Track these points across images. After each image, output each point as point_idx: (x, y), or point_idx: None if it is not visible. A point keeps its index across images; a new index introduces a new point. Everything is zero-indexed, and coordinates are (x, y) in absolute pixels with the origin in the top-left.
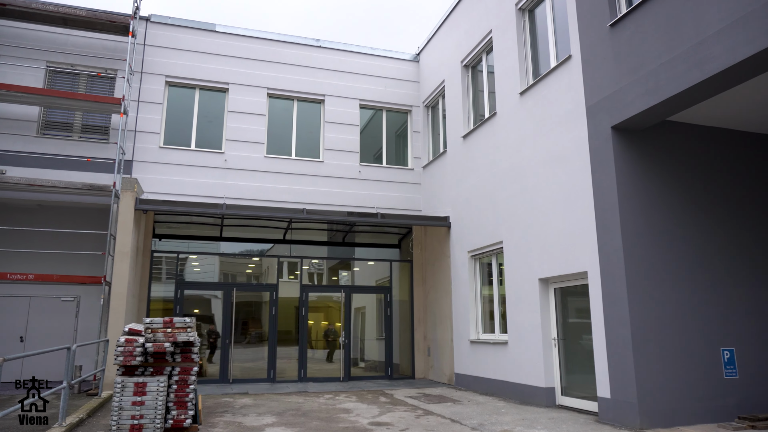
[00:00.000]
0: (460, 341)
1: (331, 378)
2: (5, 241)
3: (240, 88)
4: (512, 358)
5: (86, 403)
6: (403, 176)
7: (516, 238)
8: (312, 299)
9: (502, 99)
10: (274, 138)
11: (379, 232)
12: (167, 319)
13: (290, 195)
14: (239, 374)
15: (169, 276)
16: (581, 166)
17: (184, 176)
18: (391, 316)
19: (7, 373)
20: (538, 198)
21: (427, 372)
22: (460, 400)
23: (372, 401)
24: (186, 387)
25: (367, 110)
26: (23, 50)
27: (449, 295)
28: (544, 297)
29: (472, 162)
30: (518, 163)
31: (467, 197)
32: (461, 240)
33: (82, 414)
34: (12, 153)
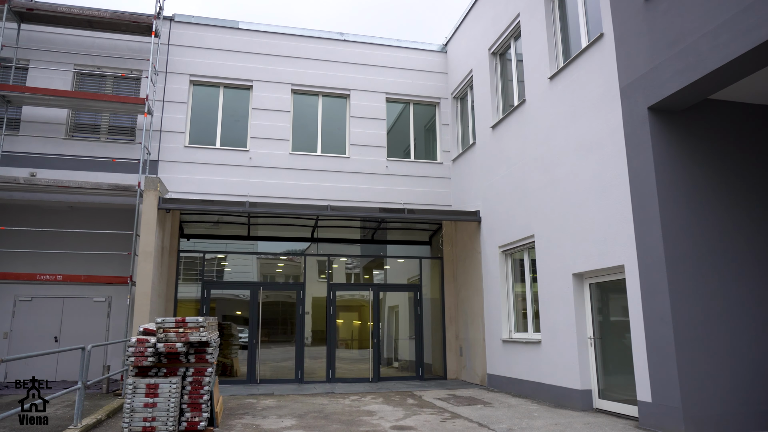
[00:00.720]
0: (492, 341)
1: (360, 378)
2: (36, 243)
3: (264, 85)
4: (546, 358)
5: (108, 404)
6: (432, 170)
7: (548, 231)
8: (345, 298)
9: (531, 85)
10: (299, 134)
11: (408, 229)
12: (179, 319)
13: (316, 192)
14: (268, 374)
15: (197, 276)
16: (616, 152)
17: (209, 175)
18: (422, 314)
19: (40, 372)
20: (571, 188)
21: (460, 372)
22: (491, 402)
23: (398, 403)
24: (200, 388)
25: (394, 104)
26: (52, 54)
27: (480, 292)
28: (578, 293)
29: (501, 153)
30: (549, 152)
31: (497, 190)
32: (492, 235)
33: (101, 415)
34: (42, 155)
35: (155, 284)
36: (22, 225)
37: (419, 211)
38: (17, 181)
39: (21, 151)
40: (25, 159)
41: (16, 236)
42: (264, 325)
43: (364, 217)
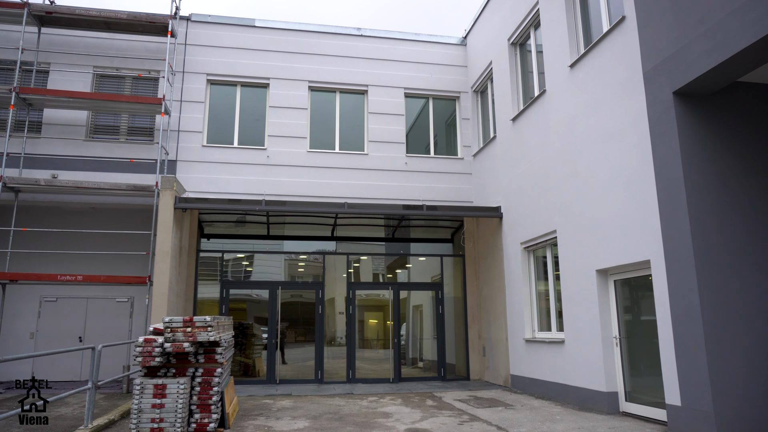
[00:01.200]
0: (515, 340)
1: (380, 379)
2: (59, 244)
3: (281, 83)
4: (570, 358)
5: (125, 404)
6: (453, 166)
7: (570, 226)
8: (365, 297)
9: (552, 75)
10: (317, 132)
11: (430, 226)
12: (187, 318)
13: (334, 190)
14: (288, 374)
15: (217, 276)
16: (640, 141)
17: (227, 174)
18: (443, 313)
19: (66, 372)
20: (593, 180)
21: (483, 373)
22: (513, 404)
23: (417, 405)
24: (209, 389)
25: (413, 99)
26: (71, 57)
27: (503, 290)
28: (602, 290)
29: (522, 146)
30: (570, 143)
31: (518, 184)
32: (513, 231)
33: (115, 415)
34: (63, 157)
35: (173, 284)
36: (45, 226)
37: (439, 208)
38: (38, 182)
39: (43, 153)
40: (46, 161)
41: (40, 237)
42: (283, 324)
43: (382, 213)
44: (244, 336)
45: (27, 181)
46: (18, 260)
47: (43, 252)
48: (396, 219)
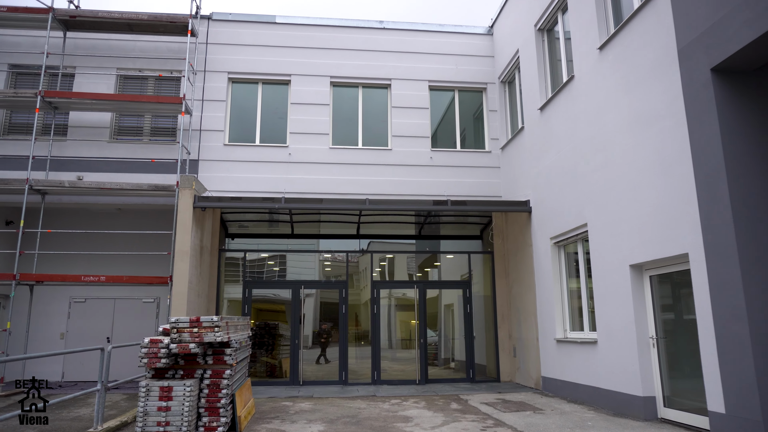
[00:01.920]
0: (546, 340)
1: (406, 381)
2: (87, 245)
3: (302, 79)
4: (603, 360)
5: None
6: (480, 160)
7: (602, 218)
8: (392, 296)
9: (580, 59)
10: (339, 128)
11: (458, 223)
12: (193, 318)
13: (356, 186)
14: (312, 376)
15: (241, 275)
16: (675, 124)
17: (249, 173)
18: (471, 313)
19: (92, 372)
20: (625, 169)
21: (514, 375)
22: (543, 408)
23: (440, 408)
24: (218, 392)
25: (438, 92)
26: (96, 60)
27: (533, 288)
28: (637, 287)
29: (550, 136)
30: (600, 130)
31: (547, 177)
32: (543, 226)
33: (128, 417)
34: (88, 159)
35: (193, 284)
36: (73, 228)
37: (464, 203)
38: (62, 184)
39: (69, 156)
40: (72, 163)
41: (68, 239)
42: (307, 324)
43: (405, 209)
44: (271, 336)
45: (52, 183)
46: (47, 262)
47: (69, 253)
48: (422, 216)
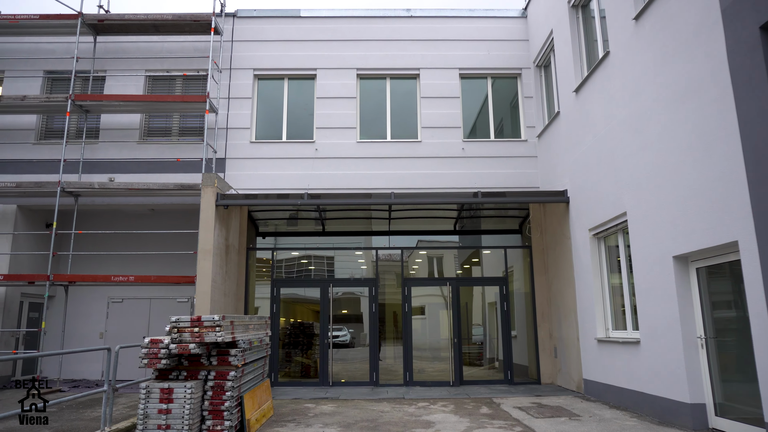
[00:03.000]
0: (586, 340)
1: (439, 382)
2: (123, 245)
3: (328, 73)
4: (646, 362)
5: None
6: (516, 149)
7: (642, 206)
8: (424, 294)
9: (615, 32)
10: (367, 121)
11: (495, 217)
12: (194, 317)
13: (385, 181)
14: (343, 376)
15: (270, 274)
16: (720, 96)
17: (275, 170)
18: (509, 311)
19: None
20: (666, 149)
21: (555, 377)
22: (580, 414)
23: (468, 413)
24: (222, 394)
25: (469, 80)
26: (125, 63)
27: (572, 284)
28: (682, 281)
29: (586, 120)
30: (637, 109)
31: (584, 164)
32: (581, 217)
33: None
34: (118, 161)
35: (218, 283)
36: (108, 229)
37: (496, 194)
38: (93, 185)
39: (101, 158)
40: (104, 165)
41: (103, 240)
42: (336, 323)
43: (433, 203)
44: (306, 336)
45: (83, 185)
46: (83, 263)
47: (100, 254)
48: (455, 210)
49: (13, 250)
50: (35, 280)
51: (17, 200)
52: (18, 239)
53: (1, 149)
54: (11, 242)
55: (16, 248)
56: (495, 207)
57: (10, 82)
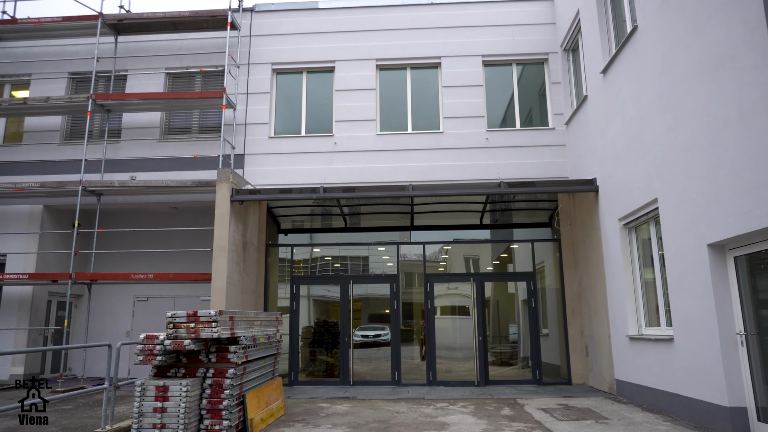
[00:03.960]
0: (618, 338)
1: (464, 382)
2: (149, 243)
3: (347, 65)
4: (680, 360)
5: None
6: (543, 138)
7: (674, 191)
8: (449, 290)
9: (643, 5)
10: (387, 113)
11: (523, 209)
12: (190, 313)
13: (406, 174)
14: (365, 375)
15: (289, 271)
16: (757, 62)
17: (294, 165)
18: (537, 307)
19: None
20: (698, 127)
21: (587, 377)
22: (609, 417)
23: (488, 414)
24: (221, 392)
25: (493, 67)
26: (145, 61)
27: (602, 278)
28: (718, 271)
29: (615, 102)
30: (667, 85)
31: (613, 149)
32: (611, 206)
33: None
34: (140, 159)
35: (233, 280)
36: (132, 228)
37: (521, 184)
38: (113, 184)
39: (122, 157)
40: (126, 164)
41: (127, 239)
42: (367, 321)
43: (453, 194)
44: (331, 335)
45: (103, 183)
46: (108, 261)
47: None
48: (480, 203)
49: (40, 250)
50: (58, 278)
51: (43, 200)
52: (45, 239)
53: (29, 150)
54: (38, 242)
55: (42, 248)
56: (522, 199)
57: (37, 84)
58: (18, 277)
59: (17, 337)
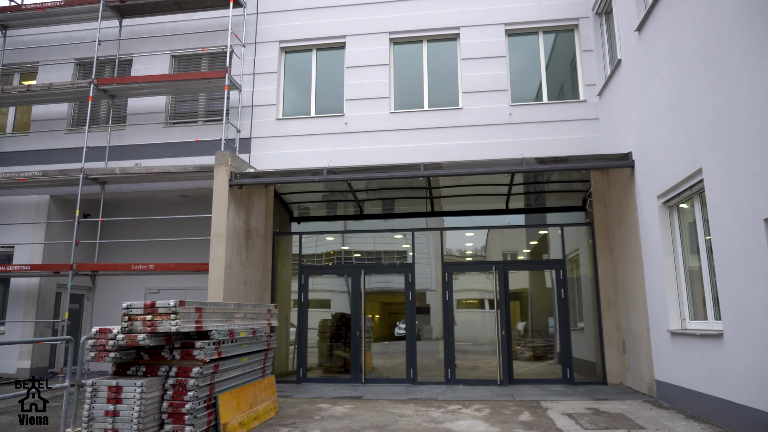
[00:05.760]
0: (657, 333)
1: (486, 381)
2: (154, 233)
3: (358, 39)
4: (731, 360)
5: None
6: (573, 112)
7: (722, 158)
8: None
9: None
10: (402, 90)
11: (553, 192)
12: (148, 303)
13: (422, 154)
14: (381, 372)
15: (298, 261)
16: None
17: (302, 147)
18: (567, 298)
19: None
20: (750, 80)
21: (623, 376)
22: (645, 427)
23: (504, 419)
24: (184, 393)
25: (517, 37)
26: (150, 44)
27: (640, 265)
28: None
29: (651, 61)
30: (711, 33)
31: (651, 116)
32: (648, 182)
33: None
34: (145, 145)
35: (234, 270)
36: (137, 216)
37: (547, 160)
38: (114, 171)
39: (128, 143)
40: (131, 151)
41: (132, 228)
42: (369, 314)
43: (468, 173)
44: (349, 328)
45: (104, 171)
46: (118, 251)
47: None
48: (504, 185)
49: (47, 240)
50: (60, 269)
51: (48, 190)
52: (53, 230)
53: (37, 139)
54: (44, 232)
55: (50, 239)
56: (551, 180)
57: (45, 72)
58: (21, 268)
59: (24, 330)
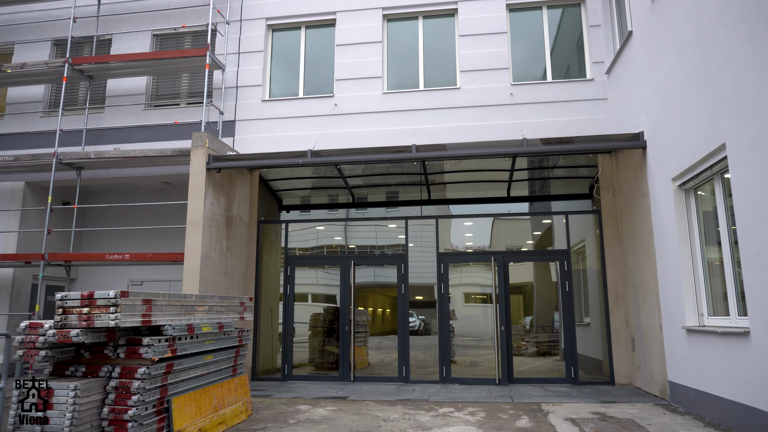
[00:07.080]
0: (671, 329)
1: (483, 380)
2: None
3: (349, 16)
4: (758, 361)
5: None
6: (579, 91)
7: (748, 131)
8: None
9: None
10: (395, 69)
11: (559, 177)
12: (85, 294)
13: (416, 137)
14: (375, 369)
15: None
16: None
17: (290, 131)
18: (571, 292)
19: None
20: None
21: (633, 375)
22: None
23: (498, 425)
24: (127, 398)
25: (519, 12)
26: (131, 23)
27: (652, 255)
28: None
29: (666, 30)
30: None
31: (665, 89)
32: (662, 164)
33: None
34: (124, 128)
35: (212, 260)
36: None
37: (550, 141)
38: (89, 155)
39: (106, 127)
40: (109, 135)
41: (113, 217)
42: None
43: (461, 156)
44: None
45: (78, 155)
46: (98, 241)
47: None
48: (505, 170)
49: (22, 229)
50: (31, 260)
51: (22, 176)
52: (29, 217)
53: (11, 122)
54: (19, 221)
55: (25, 227)
56: (556, 165)
57: (20, 52)
58: None
59: None
